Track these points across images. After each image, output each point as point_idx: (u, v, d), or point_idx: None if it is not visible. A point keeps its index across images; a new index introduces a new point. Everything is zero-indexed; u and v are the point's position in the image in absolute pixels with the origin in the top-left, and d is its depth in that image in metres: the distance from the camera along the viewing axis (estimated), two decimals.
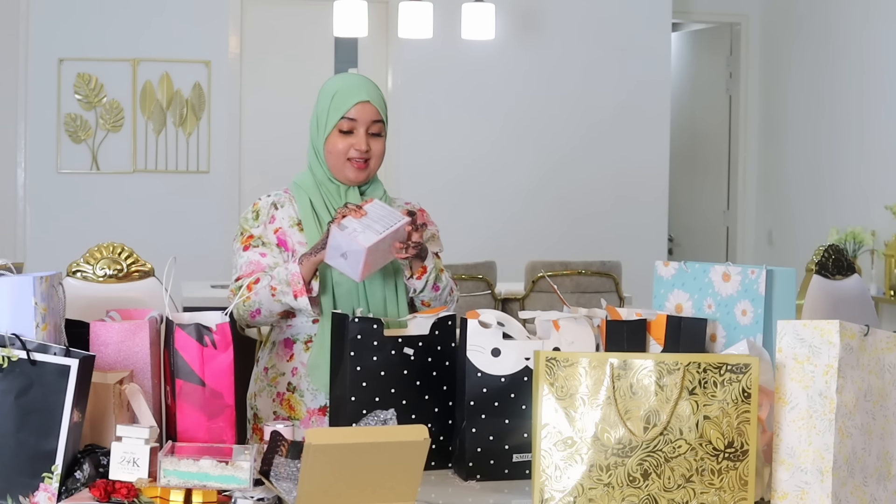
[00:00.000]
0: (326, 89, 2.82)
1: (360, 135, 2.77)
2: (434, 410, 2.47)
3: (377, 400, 2.41)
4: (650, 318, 2.40)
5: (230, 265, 2.91)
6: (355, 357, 2.41)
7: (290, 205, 2.86)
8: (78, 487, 2.08)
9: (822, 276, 3.32)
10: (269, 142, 7.70)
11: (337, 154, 2.78)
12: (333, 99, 2.78)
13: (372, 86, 2.82)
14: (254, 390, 2.84)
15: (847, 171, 7.77)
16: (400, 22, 6.89)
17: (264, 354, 2.87)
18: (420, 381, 2.46)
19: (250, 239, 2.81)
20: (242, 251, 2.80)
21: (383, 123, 2.80)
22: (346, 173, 2.80)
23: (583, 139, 8.09)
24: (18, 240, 7.41)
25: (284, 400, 2.78)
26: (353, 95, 2.77)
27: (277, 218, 2.83)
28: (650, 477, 2.07)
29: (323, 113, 2.80)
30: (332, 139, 2.78)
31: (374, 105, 2.78)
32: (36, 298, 2.12)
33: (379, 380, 2.42)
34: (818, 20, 8.10)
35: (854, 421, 2.07)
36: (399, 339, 2.46)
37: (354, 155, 2.77)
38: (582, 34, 8.06)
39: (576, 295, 5.89)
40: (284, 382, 2.78)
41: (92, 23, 7.41)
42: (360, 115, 2.76)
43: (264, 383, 2.83)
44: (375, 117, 2.78)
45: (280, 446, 2.12)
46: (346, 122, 2.76)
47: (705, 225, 9.21)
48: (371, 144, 2.78)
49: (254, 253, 2.78)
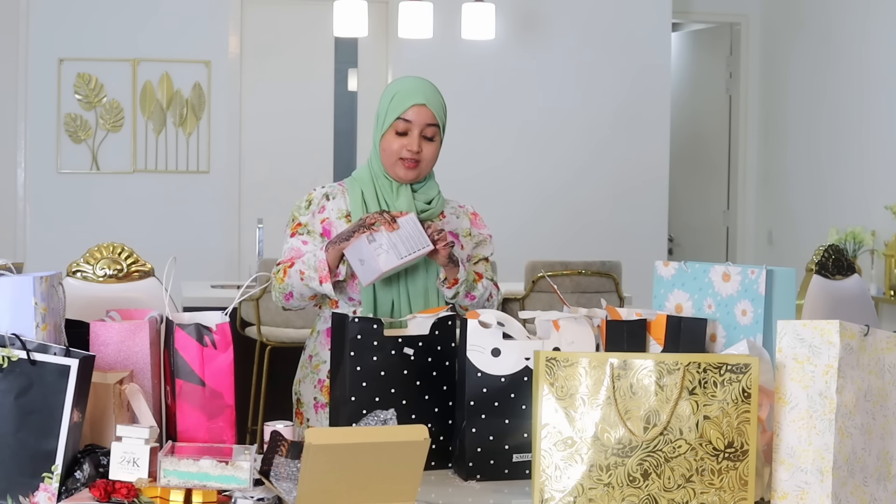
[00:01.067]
0: (389, 90, 2.93)
1: (413, 136, 2.87)
2: (434, 410, 2.47)
3: (377, 400, 2.41)
4: (650, 318, 2.40)
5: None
6: (355, 357, 2.41)
7: (341, 197, 2.95)
8: (78, 487, 2.08)
9: (822, 276, 3.31)
10: (269, 142, 7.70)
11: (391, 153, 2.88)
12: (392, 100, 2.88)
13: (431, 90, 2.92)
14: (299, 377, 3.00)
15: (847, 171, 7.77)
16: (400, 22, 6.89)
17: (310, 343, 2.99)
18: (420, 381, 2.46)
19: (298, 227, 2.92)
20: (289, 237, 2.92)
21: (438, 127, 2.90)
22: (398, 171, 2.89)
23: (582, 139, 8.09)
24: (18, 240, 7.41)
25: (325, 386, 2.90)
26: (410, 98, 2.87)
27: (327, 209, 2.93)
28: (650, 477, 2.07)
29: (382, 112, 2.91)
30: (388, 138, 2.88)
31: (431, 108, 2.88)
32: (36, 298, 2.12)
33: (379, 380, 2.43)
34: (818, 20, 8.10)
35: (854, 421, 2.07)
36: (399, 339, 2.46)
37: (406, 155, 2.87)
38: (582, 34, 8.06)
39: (576, 295, 5.89)
40: (325, 369, 2.89)
41: (92, 23, 7.41)
42: (415, 118, 2.86)
43: (308, 370, 2.96)
44: (430, 121, 2.88)
45: (280, 446, 2.12)
46: (402, 122, 2.87)
47: (705, 225, 9.21)
48: (423, 146, 2.88)
49: (297, 240, 2.90)
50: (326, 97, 7.80)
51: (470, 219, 3.03)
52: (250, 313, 5.71)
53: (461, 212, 3.03)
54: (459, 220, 3.01)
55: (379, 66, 7.85)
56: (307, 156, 7.75)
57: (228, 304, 2.41)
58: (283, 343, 5.58)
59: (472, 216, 3.04)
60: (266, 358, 5.63)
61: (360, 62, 8.00)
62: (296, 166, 7.67)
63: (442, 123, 2.90)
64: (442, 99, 2.93)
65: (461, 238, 2.99)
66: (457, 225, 3.00)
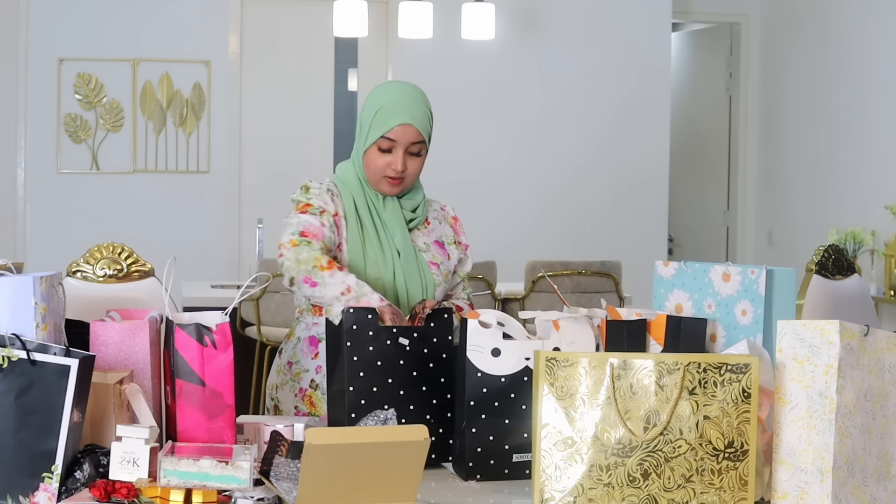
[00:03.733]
0: (372, 100, 2.82)
1: (397, 155, 2.77)
2: (432, 402, 2.47)
3: (374, 390, 2.41)
4: (650, 318, 2.40)
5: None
6: (352, 347, 2.42)
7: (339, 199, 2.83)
8: (78, 487, 2.08)
9: (822, 276, 3.31)
10: (269, 142, 7.70)
11: (375, 169, 2.80)
12: (377, 115, 2.79)
13: (417, 103, 2.80)
14: (275, 382, 2.88)
15: (847, 171, 7.77)
16: (400, 22, 6.89)
17: (288, 348, 2.89)
18: (417, 372, 2.46)
19: (308, 206, 2.76)
20: (299, 214, 2.75)
21: (424, 144, 2.80)
22: (381, 187, 2.82)
23: (582, 139, 8.09)
24: (18, 240, 7.41)
25: (307, 396, 2.81)
26: (396, 116, 2.77)
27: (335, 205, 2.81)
28: (650, 477, 2.07)
29: (365, 125, 2.81)
30: (371, 154, 2.79)
31: (416, 127, 2.77)
32: (36, 298, 2.12)
33: (376, 370, 2.43)
34: (818, 20, 8.10)
35: (854, 421, 2.07)
36: (394, 329, 2.46)
37: (391, 174, 2.78)
38: (582, 34, 8.06)
39: (576, 295, 5.89)
40: (308, 379, 2.82)
41: (92, 23, 7.41)
42: (399, 137, 2.77)
43: (287, 377, 2.86)
44: (416, 139, 2.78)
45: (280, 446, 2.12)
46: (386, 141, 2.77)
47: (705, 225, 9.21)
48: (408, 164, 2.79)
49: (314, 218, 2.74)
50: (326, 97, 7.80)
51: (451, 223, 2.97)
52: (250, 313, 5.71)
53: (443, 216, 2.96)
54: (443, 226, 2.95)
55: (379, 66, 7.85)
56: (307, 156, 7.75)
57: (228, 304, 2.41)
58: None
59: (452, 221, 2.98)
60: (266, 358, 5.63)
61: (360, 62, 8.00)
62: (296, 166, 7.67)
63: (427, 136, 2.81)
64: (428, 109, 2.82)
65: (447, 246, 2.92)
66: (441, 232, 2.93)
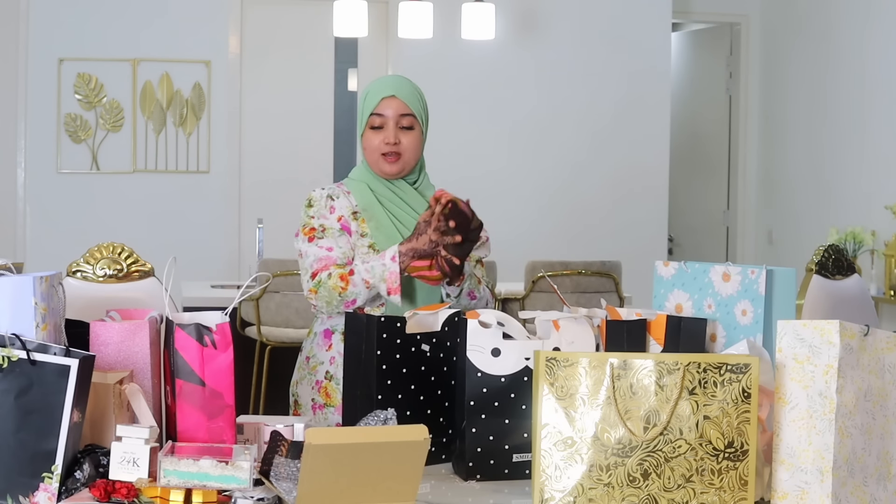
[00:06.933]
0: (363, 90, 2.96)
1: (388, 128, 2.88)
2: (445, 405, 2.48)
3: (399, 397, 2.42)
4: (650, 318, 2.40)
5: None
6: (381, 356, 2.42)
7: (345, 198, 2.93)
8: (78, 487, 2.07)
9: (822, 276, 3.31)
10: (269, 142, 7.70)
11: (372, 149, 2.91)
12: (366, 99, 2.91)
13: (403, 82, 2.94)
14: (296, 378, 2.99)
15: (847, 171, 7.77)
16: (400, 22, 6.89)
17: (307, 344, 2.98)
18: (434, 377, 2.47)
19: (312, 231, 2.89)
20: (307, 242, 2.88)
21: (414, 117, 2.90)
22: (382, 167, 2.91)
23: (582, 139, 8.09)
24: (18, 240, 7.41)
25: (322, 387, 2.90)
26: (380, 92, 2.89)
27: (337, 208, 2.91)
28: (650, 477, 2.07)
29: (359, 113, 2.94)
30: (367, 136, 2.91)
31: (402, 99, 2.89)
32: (36, 298, 2.12)
33: (401, 377, 2.44)
34: (818, 20, 8.10)
35: (854, 421, 2.07)
36: (417, 336, 2.47)
37: (386, 149, 2.88)
38: (582, 34, 8.06)
39: (576, 295, 5.89)
40: (323, 371, 2.90)
41: (92, 23, 7.41)
42: (387, 111, 2.88)
43: (305, 371, 2.95)
44: (404, 111, 2.89)
45: (280, 446, 2.12)
46: (377, 118, 2.89)
47: (705, 225, 9.21)
48: (401, 137, 2.89)
49: (321, 249, 2.86)
50: (326, 97, 7.80)
51: None
52: (250, 313, 5.71)
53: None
54: None
55: (379, 67, 7.85)
56: (307, 156, 7.74)
57: (228, 304, 2.41)
58: (282, 343, 5.58)
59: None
60: (266, 358, 5.63)
61: (360, 62, 8.00)
62: (296, 166, 7.67)
63: (419, 114, 2.91)
64: (418, 91, 2.94)
65: None
66: None
